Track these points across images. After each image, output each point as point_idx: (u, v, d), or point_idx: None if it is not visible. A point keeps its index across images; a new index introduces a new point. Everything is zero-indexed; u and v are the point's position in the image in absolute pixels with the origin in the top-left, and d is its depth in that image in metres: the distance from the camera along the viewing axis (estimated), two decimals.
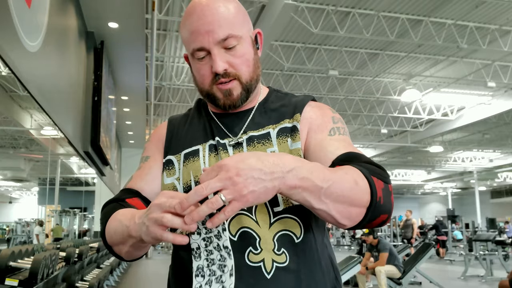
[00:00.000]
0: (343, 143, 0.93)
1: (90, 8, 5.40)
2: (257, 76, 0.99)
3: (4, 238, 21.95)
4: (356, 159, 0.87)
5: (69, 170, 19.89)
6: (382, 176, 0.83)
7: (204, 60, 0.94)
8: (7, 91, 10.25)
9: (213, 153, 0.98)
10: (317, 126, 0.97)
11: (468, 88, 11.25)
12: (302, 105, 1.01)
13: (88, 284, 5.05)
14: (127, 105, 9.94)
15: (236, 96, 0.96)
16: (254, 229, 0.89)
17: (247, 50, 0.96)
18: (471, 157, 20.61)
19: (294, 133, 0.96)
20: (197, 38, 0.92)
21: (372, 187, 0.78)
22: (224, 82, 0.94)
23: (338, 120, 1.00)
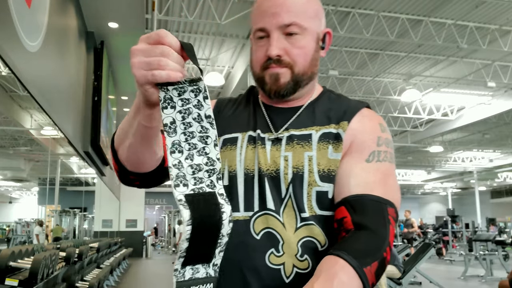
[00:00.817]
0: (371, 176, 0.87)
1: (90, 8, 5.40)
2: (311, 73, 0.96)
3: (4, 238, 21.95)
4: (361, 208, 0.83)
5: (69, 170, 19.89)
6: (376, 253, 0.79)
7: (262, 41, 0.93)
8: (7, 91, 10.25)
9: (251, 145, 0.95)
10: (360, 143, 0.92)
11: (468, 88, 11.25)
12: (352, 112, 0.95)
13: (88, 284, 5.05)
14: (127, 105, 9.95)
15: (282, 83, 0.93)
16: (279, 232, 0.88)
17: (309, 44, 0.93)
18: (471, 157, 20.60)
19: (338, 142, 0.92)
20: (262, 19, 0.92)
21: (364, 284, 0.75)
22: (274, 67, 0.92)
23: (384, 142, 0.93)
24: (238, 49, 8.95)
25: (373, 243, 0.80)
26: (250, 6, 7.13)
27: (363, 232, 0.81)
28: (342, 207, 0.85)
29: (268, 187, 0.90)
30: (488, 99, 11.89)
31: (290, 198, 0.89)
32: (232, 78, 9.97)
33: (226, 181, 0.93)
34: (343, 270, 0.75)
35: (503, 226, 24.37)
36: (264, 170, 0.91)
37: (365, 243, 0.80)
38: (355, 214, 0.83)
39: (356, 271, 0.75)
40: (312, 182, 0.89)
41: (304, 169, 0.90)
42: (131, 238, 14.82)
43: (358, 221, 0.82)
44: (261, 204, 0.90)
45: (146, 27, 7.17)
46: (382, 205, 0.85)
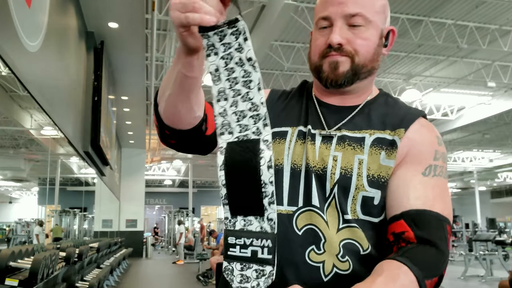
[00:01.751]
0: (430, 191, 0.87)
1: (90, 8, 5.40)
2: (371, 67, 0.94)
3: (4, 238, 21.94)
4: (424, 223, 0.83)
5: (69, 170, 19.89)
6: (438, 269, 0.80)
7: (324, 30, 0.92)
8: (7, 91, 10.25)
9: (300, 140, 0.94)
10: (417, 154, 0.90)
11: (468, 88, 11.25)
12: (410, 120, 0.93)
13: (88, 284, 5.05)
14: (127, 105, 9.94)
15: (341, 72, 0.91)
16: (322, 229, 0.87)
17: (373, 37, 0.92)
18: (471, 157, 20.60)
19: (392, 148, 0.89)
20: (327, 7, 0.92)
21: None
22: (334, 55, 0.91)
23: (441, 156, 0.92)
24: None
25: (437, 258, 0.80)
26: (250, 6, 7.13)
27: (427, 246, 0.81)
28: (401, 220, 0.84)
29: (315, 183, 0.89)
30: (488, 99, 11.89)
31: (334, 198, 0.88)
32: None
33: None
34: (406, 275, 0.75)
35: (503, 226, 24.36)
36: (311, 167, 0.90)
37: (430, 256, 0.80)
38: (417, 229, 0.82)
39: (418, 281, 0.75)
40: (360, 186, 0.88)
41: (353, 172, 0.88)
42: (131, 238, 14.82)
43: (422, 236, 0.82)
44: (306, 200, 0.89)
45: (146, 27, 7.17)
46: (442, 222, 0.84)
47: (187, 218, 21.33)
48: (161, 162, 22.28)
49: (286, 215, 0.88)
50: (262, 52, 7.73)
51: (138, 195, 15.55)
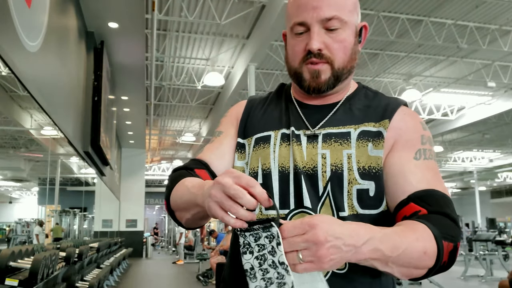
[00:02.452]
0: (427, 173, 0.88)
1: (90, 8, 5.40)
2: (350, 67, 0.94)
3: (4, 238, 21.94)
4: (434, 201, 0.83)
5: (69, 170, 19.89)
6: (455, 236, 0.80)
7: (301, 36, 0.92)
8: (7, 91, 10.25)
9: (284, 142, 0.94)
10: (405, 141, 0.91)
11: (468, 88, 11.25)
12: (392, 109, 0.94)
13: (88, 284, 5.05)
14: (127, 105, 9.94)
15: (323, 80, 0.92)
16: None
17: (349, 37, 0.92)
18: (471, 157, 20.60)
19: (378, 139, 0.91)
20: (301, 12, 0.91)
21: (440, 254, 0.76)
22: (315, 63, 0.91)
23: (427, 140, 0.93)
24: (238, 49, 8.95)
25: (453, 228, 0.81)
26: (250, 6, 7.13)
27: (443, 217, 0.81)
28: (410, 203, 0.84)
29: (305, 184, 0.89)
30: (488, 99, 11.89)
31: (328, 197, 0.88)
32: (232, 78, 9.96)
33: (260, 179, 0.93)
34: (424, 230, 0.76)
35: (503, 226, 24.36)
36: (300, 167, 0.90)
37: (446, 224, 0.80)
38: (430, 206, 0.83)
39: (436, 238, 0.76)
40: (352, 180, 0.88)
41: (343, 167, 0.88)
42: (131, 238, 14.82)
43: (436, 210, 0.82)
44: (298, 202, 0.89)
45: (146, 27, 7.17)
46: (449, 200, 0.85)
47: None
48: (161, 162, 22.28)
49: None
50: (262, 52, 7.73)
51: (138, 195, 15.55)
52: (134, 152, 15.22)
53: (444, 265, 0.78)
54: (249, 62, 7.98)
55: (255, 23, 7.76)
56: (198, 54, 9.23)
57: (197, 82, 10.33)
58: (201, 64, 9.76)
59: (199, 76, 10.25)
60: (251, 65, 8.00)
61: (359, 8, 0.97)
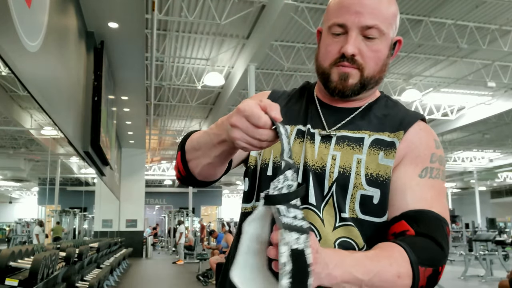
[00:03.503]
0: (427, 192, 0.88)
1: (90, 8, 5.40)
2: (379, 77, 0.95)
3: (4, 238, 21.93)
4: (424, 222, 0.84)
5: (69, 170, 19.88)
6: (436, 260, 0.80)
7: (338, 37, 0.92)
8: (7, 91, 10.25)
9: (299, 138, 0.95)
10: (414, 157, 0.91)
11: (468, 88, 11.25)
12: (409, 122, 0.94)
13: (88, 284, 5.05)
14: (127, 105, 9.94)
15: (350, 84, 0.92)
16: (317, 227, 0.87)
17: (384, 49, 0.93)
18: (471, 157, 20.60)
19: (391, 149, 0.91)
20: (343, 14, 0.90)
21: (415, 279, 0.76)
22: (346, 66, 0.91)
23: (437, 159, 0.93)
24: (238, 49, 8.95)
25: (435, 251, 0.81)
26: (250, 6, 7.13)
27: (427, 239, 0.82)
28: (402, 221, 0.85)
29: (312, 182, 0.90)
30: (488, 99, 11.89)
31: (331, 197, 0.89)
32: (232, 78, 9.96)
33: (270, 172, 0.94)
34: (400, 255, 0.77)
35: (503, 226, 24.36)
36: (310, 165, 0.91)
37: (428, 247, 0.81)
38: (418, 227, 0.83)
39: (412, 265, 0.76)
40: (358, 185, 0.88)
41: (351, 170, 0.89)
42: (131, 238, 14.82)
43: (424, 232, 0.83)
44: (303, 198, 0.89)
45: (146, 27, 7.17)
46: (442, 223, 0.85)
47: (187, 218, 21.34)
48: (161, 162, 22.28)
49: None
50: (262, 52, 7.73)
51: (138, 195, 15.56)
52: (134, 152, 15.22)
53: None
54: (249, 62, 7.98)
55: (255, 23, 7.76)
56: (198, 54, 9.23)
57: (197, 82, 10.33)
58: (201, 64, 9.76)
59: (199, 76, 10.25)
60: (251, 65, 8.00)
61: (398, 22, 0.97)
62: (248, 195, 0.99)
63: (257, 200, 0.95)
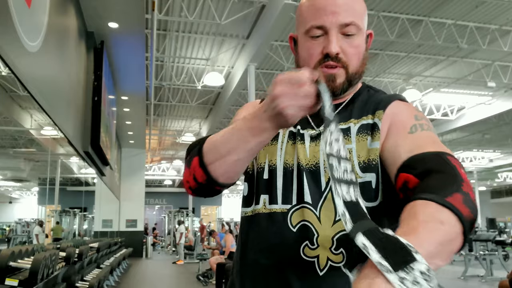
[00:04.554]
0: (419, 141, 0.84)
1: (90, 8, 5.40)
2: (361, 72, 0.97)
3: (4, 238, 21.93)
4: (421, 163, 0.78)
5: (69, 170, 19.89)
6: (454, 185, 0.71)
7: (317, 39, 0.93)
8: (7, 91, 10.25)
9: (291, 140, 0.98)
10: (398, 123, 0.91)
11: (468, 88, 11.25)
12: (387, 102, 0.96)
13: (88, 284, 5.05)
14: (127, 105, 9.94)
15: (338, 84, 0.94)
16: (314, 225, 0.89)
17: (362, 43, 0.95)
18: (471, 157, 20.60)
19: (374, 131, 0.92)
20: (320, 16, 0.92)
21: (458, 213, 0.66)
22: (331, 66, 0.92)
23: (422, 117, 0.92)
24: (238, 49, 8.95)
25: (445, 179, 0.73)
26: (250, 6, 7.13)
27: (430, 176, 0.75)
28: (400, 174, 0.81)
29: (306, 181, 0.92)
30: (488, 99, 11.89)
31: (330, 191, 0.89)
32: (232, 78, 9.96)
33: (266, 175, 0.97)
34: (424, 206, 0.67)
35: (503, 226, 24.36)
36: (303, 165, 0.93)
37: (436, 180, 0.73)
38: (416, 170, 0.78)
39: (439, 202, 0.66)
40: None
41: None
42: (131, 238, 14.82)
43: (421, 171, 0.77)
44: (299, 198, 0.91)
45: (146, 27, 7.17)
46: (440, 154, 0.79)
47: (187, 218, 21.33)
48: (161, 162, 22.28)
49: (281, 213, 0.92)
50: (262, 52, 7.73)
51: (138, 195, 15.56)
52: (134, 152, 15.22)
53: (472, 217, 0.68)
54: (249, 62, 7.98)
55: (255, 23, 7.76)
56: (198, 54, 9.23)
57: (197, 82, 10.33)
58: (201, 64, 9.76)
59: (199, 76, 10.25)
60: (251, 65, 8.00)
61: (367, 15, 1.00)
62: (247, 199, 1.00)
63: (256, 204, 0.96)
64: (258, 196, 0.97)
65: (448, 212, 0.66)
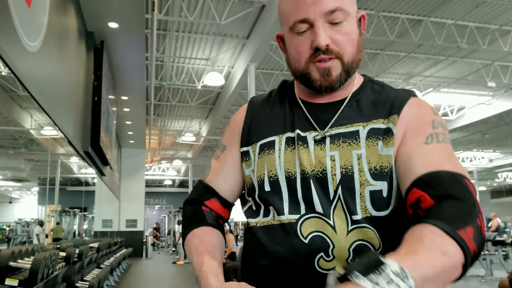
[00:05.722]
0: (435, 155, 0.81)
1: (90, 8, 5.40)
2: (358, 59, 0.89)
3: (4, 238, 21.94)
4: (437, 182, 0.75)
5: (69, 170, 19.89)
6: (469, 216, 0.70)
7: (304, 34, 0.86)
8: (7, 91, 10.26)
9: (290, 147, 0.90)
10: (414, 130, 0.85)
11: (468, 88, 11.25)
12: (400, 103, 0.89)
13: (88, 284, 5.05)
14: (127, 105, 9.94)
15: (335, 77, 0.87)
16: (329, 235, 0.83)
17: (354, 29, 0.87)
18: (471, 157, 20.60)
19: (388, 136, 0.86)
20: (301, 9, 0.84)
21: (463, 248, 0.66)
22: (324, 60, 0.85)
23: (439, 124, 0.87)
24: (238, 49, 8.95)
25: (462, 208, 0.71)
26: (250, 6, 7.13)
27: (447, 201, 0.73)
28: (413, 189, 0.78)
29: (315, 189, 0.85)
30: (488, 99, 11.89)
31: (339, 200, 0.84)
32: (232, 78, 9.97)
33: (267, 187, 0.90)
34: (433, 233, 0.67)
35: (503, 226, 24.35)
36: (309, 172, 0.86)
37: (453, 209, 0.71)
38: (432, 190, 0.75)
39: (449, 234, 0.66)
40: (364, 182, 0.84)
41: (354, 168, 0.84)
42: (131, 238, 14.82)
43: (439, 194, 0.74)
44: (308, 207, 0.85)
45: (146, 27, 7.17)
46: (457, 177, 0.77)
47: None
48: (161, 162, 22.28)
49: (289, 223, 0.86)
50: (262, 52, 7.73)
51: (138, 195, 15.56)
52: (134, 152, 15.22)
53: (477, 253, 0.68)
54: (249, 62, 7.98)
55: (255, 23, 7.76)
56: (198, 54, 9.23)
57: (197, 82, 10.33)
58: (201, 64, 9.76)
59: (199, 76, 10.25)
60: (251, 65, 8.01)
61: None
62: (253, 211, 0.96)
63: (265, 216, 0.91)
64: (266, 209, 0.91)
65: (455, 245, 0.66)
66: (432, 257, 0.64)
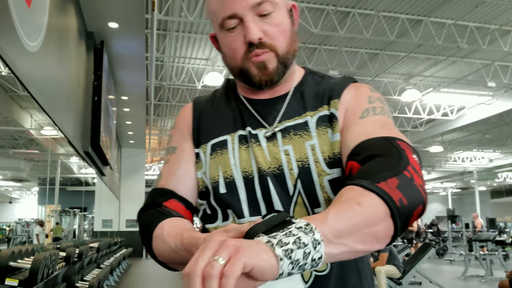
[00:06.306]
0: (371, 126, 0.79)
1: (90, 8, 5.40)
2: (294, 50, 0.88)
3: (4, 238, 21.93)
4: (366, 148, 0.74)
5: (69, 170, 19.88)
6: (394, 170, 0.67)
7: (235, 30, 0.84)
8: (7, 91, 10.25)
9: (243, 145, 0.87)
10: (351, 109, 0.85)
11: (468, 88, 11.25)
12: (340, 88, 0.89)
13: (88, 284, 5.05)
14: (127, 105, 9.94)
15: (272, 70, 0.85)
16: None
17: (284, 19, 0.86)
18: (471, 157, 20.60)
19: (334, 122, 0.85)
20: (228, 5, 0.82)
21: (385, 198, 0.63)
22: (259, 54, 0.83)
23: (376, 99, 0.86)
24: None
25: (385, 163, 0.69)
26: None
27: (371, 160, 0.71)
28: (347, 162, 0.77)
29: (273, 186, 0.83)
30: (488, 99, 11.89)
31: (299, 195, 0.82)
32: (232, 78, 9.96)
33: (223, 189, 0.85)
34: (350, 190, 0.65)
35: (503, 226, 24.35)
36: (265, 169, 0.84)
37: (375, 165, 0.69)
38: (359, 156, 0.74)
39: (366, 187, 0.63)
40: (322, 172, 0.82)
41: (309, 160, 0.83)
42: (131, 238, 14.83)
43: (364, 156, 0.73)
44: (268, 207, 0.83)
45: (146, 27, 7.17)
46: (388, 139, 0.75)
47: None
48: (161, 162, 22.27)
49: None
50: None
51: (138, 195, 15.55)
52: (134, 152, 15.22)
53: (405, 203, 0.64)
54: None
55: None
56: (198, 54, 9.23)
57: (197, 82, 10.33)
58: (201, 64, 9.76)
59: (199, 76, 10.25)
60: None
61: None
62: (209, 216, 0.89)
63: (225, 220, 0.86)
64: (224, 212, 0.86)
65: (372, 196, 0.63)
66: (345, 210, 0.61)
